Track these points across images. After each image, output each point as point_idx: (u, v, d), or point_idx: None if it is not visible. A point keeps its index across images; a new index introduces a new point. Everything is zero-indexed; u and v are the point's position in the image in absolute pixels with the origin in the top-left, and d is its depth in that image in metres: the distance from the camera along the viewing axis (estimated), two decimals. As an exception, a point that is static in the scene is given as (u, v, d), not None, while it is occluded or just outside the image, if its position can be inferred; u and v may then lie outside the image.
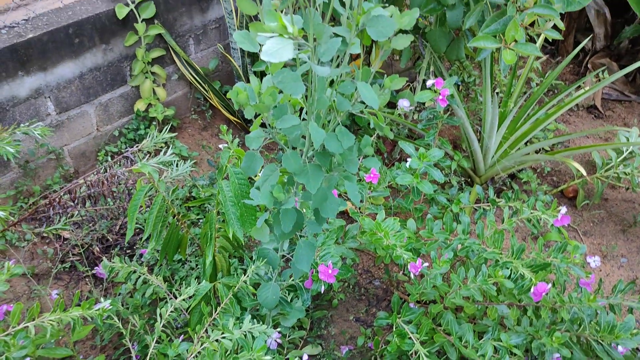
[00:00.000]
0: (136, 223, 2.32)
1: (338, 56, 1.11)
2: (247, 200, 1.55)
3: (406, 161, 1.96)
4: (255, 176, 1.65)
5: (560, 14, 1.98)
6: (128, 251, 2.27)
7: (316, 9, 1.09)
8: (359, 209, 2.02)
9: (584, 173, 2.04)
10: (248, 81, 2.81)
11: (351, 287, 2.20)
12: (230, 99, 3.00)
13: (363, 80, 1.18)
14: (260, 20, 1.09)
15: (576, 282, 1.72)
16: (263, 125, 1.28)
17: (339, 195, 2.02)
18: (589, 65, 3.43)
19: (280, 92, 1.14)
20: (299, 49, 0.97)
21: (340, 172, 1.24)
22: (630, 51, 3.47)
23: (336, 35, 1.06)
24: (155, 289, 1.80)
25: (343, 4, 1.15)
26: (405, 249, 1.64)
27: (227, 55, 2.87)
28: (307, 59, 0.99)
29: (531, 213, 1.80)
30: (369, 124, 2.56)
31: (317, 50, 0.98)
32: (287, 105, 1.14)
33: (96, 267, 1.96)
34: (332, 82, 1.20)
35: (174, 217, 1.82)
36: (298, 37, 0.89)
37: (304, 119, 1.29)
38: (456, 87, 2.58)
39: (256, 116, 1.21)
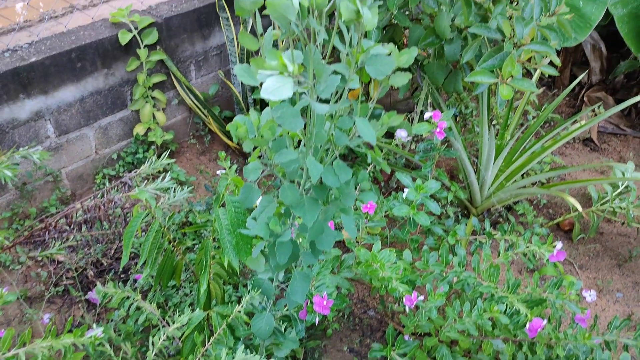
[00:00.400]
0: (131, 248, 2.32)
1: (337, 92, 1.13)
2: (243, 230, 1.55)
3: (403, 191, 1.97)
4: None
5: (556, 49, 2.02)
6: (122, 275, 2.25)
7: (316, 45, 1.11)
8: (355, 238, 2.02)
9: (580, 209, 2.05)
10: (247, 108, 2.83)
11: (346, 316, 2.19)
12: (229, 124, 3.02)
13: (361, 115, 1.19)
14: (261, 55, 1.11)
15: (572, 317, 1.72)
16: (262, 155, 1.29)
17: (336, 225, 2.02)
18: (585, 99, 3.47)
19: (279, 125, 1.15)
20: (298, 84, 0.98)
21: (337, 205, 1.25)
22: (625, 85, 3.52)
23: (335, 72, 1.08)
24: (148, 316, 1.78)
25: (343, 40, 1.17)
26: (401, 282, 1.64)
27: (228, 82, 2.90)
28: (307, 94, 1.01)
29: (527, 247, 1.81)
30: (366, 154, 2.57)
31: (316, 88, 1.00)
32: (285, 139, 1.15)
33: (89, 292, 1.95)
34: (330, 116, 1.22)
35: (169, 244, 1.82)
36: (298, 75, 0.91)
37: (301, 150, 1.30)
38: (453, 118, 2.60)
39: (254, 148, 1.23)
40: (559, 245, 1.73)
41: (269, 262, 1.45)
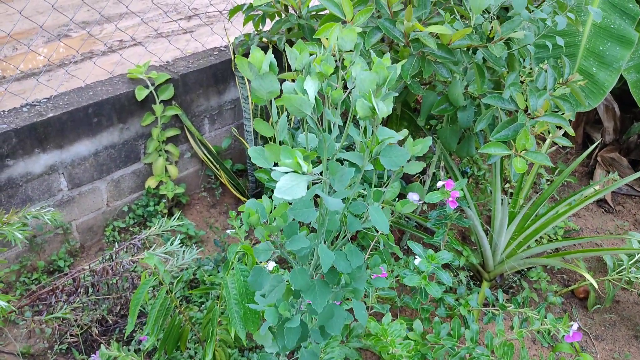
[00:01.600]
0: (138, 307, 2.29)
1: (350, 178, 1.12)
2: (252, 305, 1.53)
3: (414, 256, 1.94)
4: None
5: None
6: (128, 335, 2.22)
7: (329, 131, 1.10)
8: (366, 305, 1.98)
9: (594, 282, 2.01)
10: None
11: (353, 385, 2.12)
12: (240, 177, 3.02)
13: (375, 201, 1.18)
14: (276, 140, 1.11)
15: (588, 400, 1.65)
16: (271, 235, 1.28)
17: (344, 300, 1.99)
18: (599, 159, 3.45)
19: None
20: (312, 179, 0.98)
21: (347, 289, 1.22)
22: (639, 146, 3.49)
23: (349, 162, 1.07)
24: (151, 384, 1.74)
25: (357, 125, 1.17)
26: (412, 359, 1.59)
27: (240, 137, 2.92)
28: (319, 188, 1.00)
29: (542, 324, 1.76)
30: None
31: (330, 182, 0.99)
32: (297, 224, 1.14)
33: (92, 355, 1.91)
34: (344, 199, 1.21)
35: (175, 310, 1.79)
36: (312, 173, 0.90)
37: (313, 229, 1.28)
38: (466, 179, 2.58)
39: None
40: (575, 326, 1.68)
41: (276, 341, 1.42)
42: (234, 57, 2.77)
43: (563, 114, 1.96)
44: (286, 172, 0.90)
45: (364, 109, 0.94)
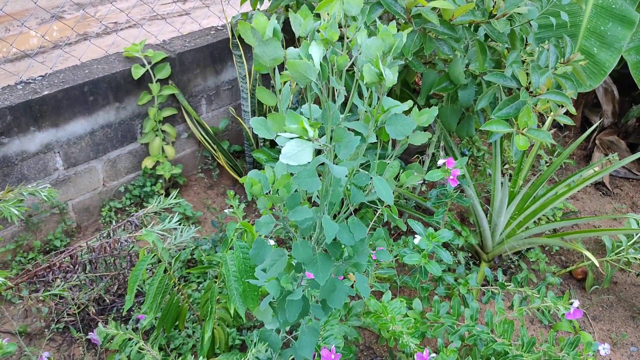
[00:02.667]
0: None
1: (354, 149, 1.10)
2: (252, 280, 1.51)
3: (414, 236, 1.93)
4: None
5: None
6: (125, 314, 2.20)
7: (334, 101, 1.08)
8: (364, 284, 1.97)
9: (595, 261, 2.00)
10: (257, 143, 2.82)
11: (352, 364, 2.12)
12: (238, 158, 3.00)
13: (378, 173, 1.17)
14: (278, 110, 1.09)
15: (587, 377, 1.66)
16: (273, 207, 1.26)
17: (345, 275, 1.98)
18: (597, 142, 3.44)
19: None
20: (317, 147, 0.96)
21: (350, 263, 1.21)
22: (637, 129, 3.49)
23: (354, 131, 1.05)
24: (150, 361, 1.73)
25: (361, 96, 1.15)
26: (412, 336, 1.58)
27: (238, 117, 2.89)
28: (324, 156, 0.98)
29: (542, 302, 1.75)
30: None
31: (335, 150, 0.97)
32: (299, 196, 1.12)
33: (90, 333, 1.90)
34: (346, 171, 1.19)
35: (174, 288, 1.78)
36: (318, 139, 0.88)
37: (314, 203, 1.27)
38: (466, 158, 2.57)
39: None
40: (575, 303, 1.68)
41: (276, 316, 1.41)
42: (232, 36, 2.74)
43: (565, 92, 1.95)
44: (292, 138, 0.88)
45: (371, 75, 0.92)
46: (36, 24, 3.71)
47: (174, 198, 1.94)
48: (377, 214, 1.83)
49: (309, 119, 1.04)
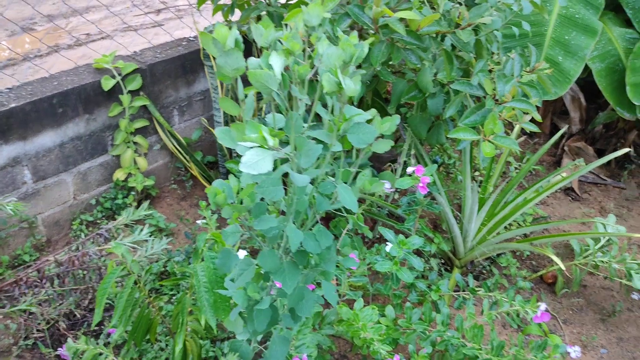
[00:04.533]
0: (106, 298, 2.24)
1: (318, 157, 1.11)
2: (221, 290, 1.51)
3: (386, 243, 1.95)
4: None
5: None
6: (96, 327, 2.17)
7: (296, 110, 1.09)
8: (337, 292, 1.98)
9: (562, 267, 2.04)
10: (230, 154, 2.81)
11: (327, 373, 2.12)
12: (211, 169, 2.99)
13: (343, 180, 1.18)
14: (243, 119, 1.10)
15: (557, 379, 1.68)
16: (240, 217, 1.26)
17: (315, 283, 1.98)
18: (566, 148, 3.51)
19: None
20: (278, 155, 0.96)
21: (317, 270, 1.22)
22: (604, 135, 3.58)
23: (316, 140, 1.06)
24: (120, 376, 1.71)
25: (325, 106, 1.16)
26: (383, 342, 1.59)
27: (211, 129, 2.89)
28: (287, 165, 0.99)
29: (511, 307, 1.78)
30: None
31: (297, 159, 0.98)
32: (265, 205, 1.13)
33: (59, 349, 1.87)
34: (312, 180, 1.20)
35: (144, 300, 1.76)
36: (278, 148, 0.89)
37: (283, 212, 1.27)
38: (436, 168, 2.61)
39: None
40: (542, 306, 1.71)
41: (246, 326, 1.40)
42: (203, 47, 2.74)
43: (530, 100, 1.99)
44: (251, 147, 0.88)
45: (331, 84, 0.94)
46: (6, 35, 3.66)
47: (145, 210, 1.92)
48: (348, 225, 1.84)
49: (272, 128, 1.05)
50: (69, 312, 2.17)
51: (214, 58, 2.70)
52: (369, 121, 1.10)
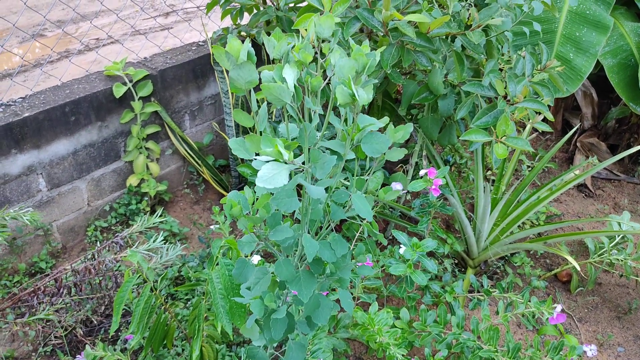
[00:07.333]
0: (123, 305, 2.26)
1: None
2: (237, 298, 1.52)
3: (400, 245, 1.94)
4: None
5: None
6: (113, 334, 2.19)
7: (310, 120, 1.10)
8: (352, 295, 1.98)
9: (577, 266, 2.03)
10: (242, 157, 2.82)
11: (342, 376, 2.13)
12: (223, 173, 3.00)
13: (357, 188, 1.18)
14: (256, 130, 1.10)
15: (574, 380, 1.68)
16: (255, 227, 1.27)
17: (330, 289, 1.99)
18: (578, 144, 3.49)
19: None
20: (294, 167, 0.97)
21: (333, 278, 1.22)
22: (617, 130, 3.54)
23: (330, 150, 1.07)
24: (138, 382, 1.73)
25: (337, 114, 1.16)
26: (399, 346, 1.60)
27: (222, 133, 2.90)
28: (302, 177, 0.99)
29: (526, 308, 1.77)
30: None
31: (312, 171, 0.98)
32: (280, 215, 1.13)
33: (78, 355, 1.89)
34: (326, 188, 1.20)
35: (161, 307, 1.78)
36: (293, 162, 0.89)
37: (297, 219, 1.28)
38: (448, 168, 2.60)
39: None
40: (558, 307, 1.70)
41: (262, 334, 1.41)
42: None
43: (542, 99, 1.98)
44: (267, 161, 0.89)
45: (344, 96, 0.94)
46: (17, 42, 3.70)
47: (159, 216, 1.94)
48: (361, 228, 1.84)
49: (286, 139, 1.05)
50: (85, 318, 2.20)
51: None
52: (382, 129, 1.10)
